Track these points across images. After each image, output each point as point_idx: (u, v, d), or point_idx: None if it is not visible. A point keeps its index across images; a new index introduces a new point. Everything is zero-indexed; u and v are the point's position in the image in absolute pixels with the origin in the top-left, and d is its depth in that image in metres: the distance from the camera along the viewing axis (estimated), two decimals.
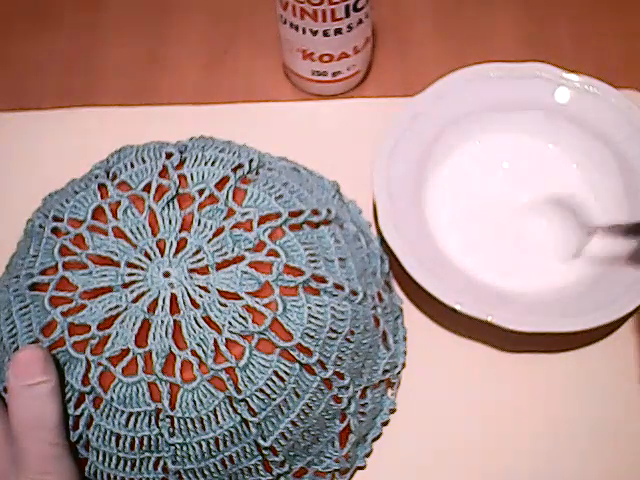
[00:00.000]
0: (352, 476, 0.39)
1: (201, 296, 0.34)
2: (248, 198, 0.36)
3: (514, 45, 0.54)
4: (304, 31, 0.46)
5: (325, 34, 0.46)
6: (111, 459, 0.33)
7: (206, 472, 0.34)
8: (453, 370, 0.41)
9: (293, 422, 0.34)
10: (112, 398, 0.32)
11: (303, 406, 0.34)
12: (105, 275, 0.34)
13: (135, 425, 0.32)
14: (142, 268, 0.34)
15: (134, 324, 0.33)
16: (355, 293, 0.37)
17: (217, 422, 0.33)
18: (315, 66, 0.49)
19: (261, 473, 0.35)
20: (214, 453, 0.33)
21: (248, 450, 0.34)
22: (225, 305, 0.33)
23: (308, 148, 0.46)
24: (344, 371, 0.36)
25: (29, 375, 0.31)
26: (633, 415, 0.40)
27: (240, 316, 0.33)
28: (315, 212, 0.38)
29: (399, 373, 0.41)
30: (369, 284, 0.39)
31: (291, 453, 0.35)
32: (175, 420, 0.32)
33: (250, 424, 0.33)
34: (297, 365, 0.34)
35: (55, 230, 0.36)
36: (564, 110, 0.46)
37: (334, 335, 0.35)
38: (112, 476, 0.34)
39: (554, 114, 0.46)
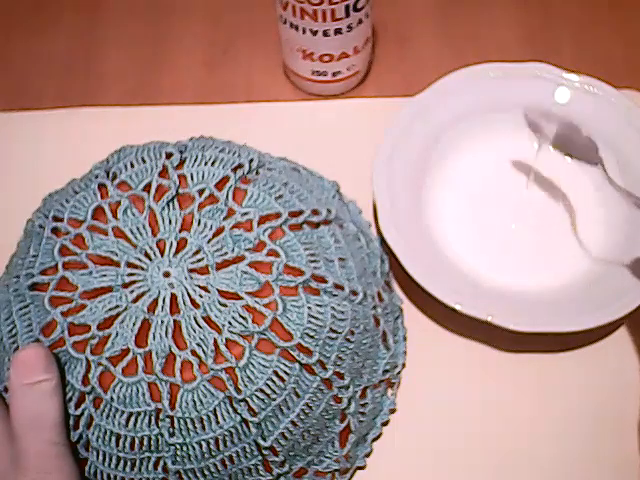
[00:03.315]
0: (352, 476, 0.39)
1: (201, 296, 0.34)
2: (248, 198, 0.36)
3: (514, 45, 0.54)
4: (304, 31, 0.46)
5: (325, 34, 0.46)
6: (111, 459, 0.33)
7: (206, 472, 0.34)
8: (453, 370, 0.41)
9: (293, 422, 0.34)
10: (112, 398, 0.32)
11: (303, 406, 0.34)
12: (105, 275, 0.34)
13: (135, 425, 0.32)
14: (142, 268, 0.34)
15: (134, 324, 0.33)
16: (355, 293, 0.37)
17: (217, 422, 0.33)
18: (315, 66, 0.49)
19: (261, 473, 0.35)
20: (214, 453, 0.33)
21: (248, 450, 0.34)
22: (225, 305, 0.33)
23: (308, 148, 0.46)
24: (344, 371, 0.36)
25: (31, 373, 0.31)
26: (632, 415, 0.40)
27: (240, 316, 0.33)
28: (315, 212, 0.38)
29: (399, 373, 0.41)
30: (369, 284, 0.39)
31: (291, 453, 0.35)
32: (175, 420, 0.32)
33: (250, 424, 0.33)
34: (297, 365, 0.34)
35: (55, 230, 0.36)
36: (564, 110, 0.46)
37: (334, 335, 0.35)
38: (112, 476, 0.34)
39: (554, 114, 0.46)
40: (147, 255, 0.35)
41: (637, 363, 0.41)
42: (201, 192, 0.36)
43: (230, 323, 0.33)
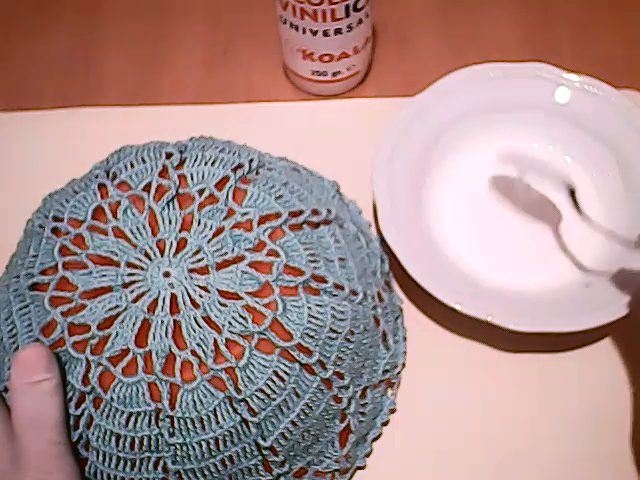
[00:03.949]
0: (352, 476, 0.39)
1: (201, 296, 0.34)
2: (248, 198, 0.36)
3: (514, 45, 0.54)
4: (304, 31, 0.46)
5: (325, 34, 0.46)
6: (111, 459, 0.33)
7: (206, 472, 0.34)
8: (453, 370, 0.41)
9: (293, 422, 0.34)
10: (112, 398, 0.32)
11: (303, 406, 0.34)
12: (105, 275, 0.34)
13: (135, 425, 0.32)
14: (142, 268, 0.34)
15: (134, 324, 0.33)
16: (355, 293, 0.37)
17: (217, 422, 0.33)
18: (315, 66, 0.49)
19: (261, 473, 0.35)
20: (214, 453, 0.33)
21: (248, 450, 0.34)
22: (225, 305, 0.33)
23: (308, 148, 0.46)
24: (344, 371, 0.36)
25: (31, 373, 0.31)
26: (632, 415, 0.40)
27: (240, 316, 0.33)
28: (315, 212, 0.38)
29: (399, 373, 0.41)
30: (369, 284, 0.39)
31: (291, 453, 0.35)
32: (175, 420, 0.32)
33: (250, 424, 0.33)
34: (297, 365, 0.34)
35: (55, 230, 0.36)
36: (564, 110, 0.46)
37: (334, 335, 0.35)
38: (112, 476, 0.34)
39: (554, 114, 0.46)
40: (147, 255, 0.35)
41: (637, 363, 0.41)
42: (201, 192, 0.36)
43: (230, 323, 0.33)
